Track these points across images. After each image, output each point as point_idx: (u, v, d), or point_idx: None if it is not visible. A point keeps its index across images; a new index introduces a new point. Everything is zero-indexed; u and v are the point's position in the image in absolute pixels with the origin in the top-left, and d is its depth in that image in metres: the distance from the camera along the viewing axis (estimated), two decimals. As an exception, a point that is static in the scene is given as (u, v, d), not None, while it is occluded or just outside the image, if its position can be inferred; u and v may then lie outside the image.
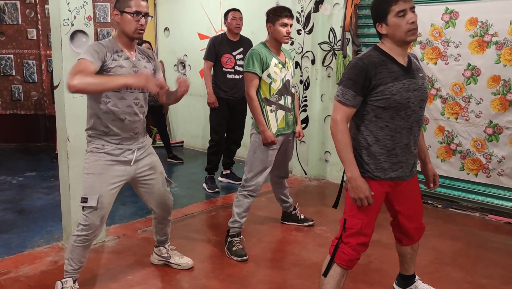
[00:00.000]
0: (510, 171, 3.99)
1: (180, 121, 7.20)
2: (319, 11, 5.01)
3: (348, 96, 2.12)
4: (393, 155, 2.19)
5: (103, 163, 2.54)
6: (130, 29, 2.48)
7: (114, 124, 2.53)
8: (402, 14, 2.07)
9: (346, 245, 2.23)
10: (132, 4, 2.45)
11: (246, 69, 3.23)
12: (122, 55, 2.51)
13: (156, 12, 7.18)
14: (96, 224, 2.55)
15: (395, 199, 2.36)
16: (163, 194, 2.85)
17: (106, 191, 2.54)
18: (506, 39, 3.84)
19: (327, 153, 5.26)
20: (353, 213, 2.22)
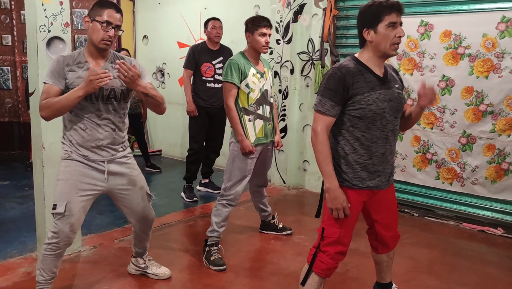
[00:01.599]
0: (483, 180, 4.07)
1: (158, 129, 7.15)
2: (298, 21, 5.07)
3: (328, 106, 2.13)
4: (370, 164, 2.22)
5: (72, 170, 2.50)
6: (96, 38, 2.43)
7: (77, 134, 2.51)
8: (393, 26, 2.09)
9: (324, 254, 2.23)
10: (104, 14, 2.41)
11: (225, 79, 3.23)
12: (84, 66, 2.46)
13: (135, 20, 7.15)
14: (65, 232, 2.48)
15: (372, 208, 2.39)
16: (143, 209, 2.78)
17: (75, 198, 2.49)
18: (478, 51, 3.94)
19: (306, 162, 5.29)
20: (331, 222, 2.23)
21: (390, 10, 2.09)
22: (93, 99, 2.47)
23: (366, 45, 2.20)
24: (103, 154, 2.56)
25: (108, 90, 2.51)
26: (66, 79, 2.42)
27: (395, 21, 2.09)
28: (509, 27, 3.77)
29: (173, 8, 6.58)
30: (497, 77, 3.88)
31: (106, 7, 2.42)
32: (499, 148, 3.96)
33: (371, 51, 2.19)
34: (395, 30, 2.10)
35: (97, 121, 2.51)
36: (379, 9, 2.10)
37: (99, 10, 2.41)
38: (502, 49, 3.82)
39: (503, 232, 3.94)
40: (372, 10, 2.13)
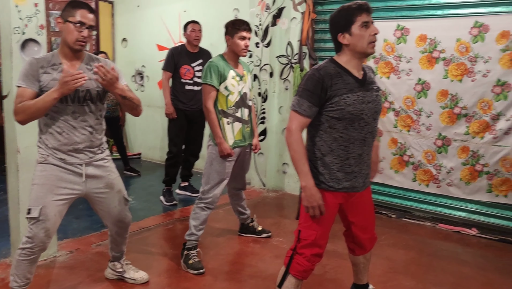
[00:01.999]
0: (458, 182, 4.15)
1: (137, 132, 7.09)
2: (277, 25, 5.10)
3: (305, 107, 2.15)
4: (347, 165, 2.24)
5: (48, 174, 2.46)
6: (71, 39, 2.40)
7: (54, 138, 2.47)
8: (365, 25, 2.14)
9: (301, 256, 2.24)
10: (77, 14, 2.38)
11: (204, 81, 3.23)
12: (59, 67, 2.42)
13: (114, 22, 7.09)
14: (40, 237, 2.45)
15: (349, 210, 2.41)
16: (120, 213, 2.75)
17: (50, 202, 2.45)
18: (452, 55, 4.02)
19: (285, 164, 5.32)
20: (307, 224, 2.24)
21: (360, 11, 2.15)
22: (69, 101, 2.44)
23: (343, 49, 2.23)
24: (80, 156, 2.53)
25: (84, 92, 2.48)
26: (40, 82, 2.39)
27: (367, 21, 2.14)
28: (481, 32, 3.86)
29: (152, 11, 6.55)
30: (470, 80, 3.96)
31: (79, 7, 2.39)
32: (473, 150, 4.04)
33: (348, 54, 2.22)
34: (368, 29, 2.15)
35: (73, 123, 2.48)
36: (350, 12, 2.16)
37: (71, 11, 2.38)
38: (475, 53, 3.91)
39: (477, 232, 4.02)
40: (342, 14, 2.18)
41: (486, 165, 4.00)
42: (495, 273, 3.28)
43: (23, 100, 2.34)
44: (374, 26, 2.17)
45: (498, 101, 3.87)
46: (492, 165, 3.97)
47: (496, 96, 3.88)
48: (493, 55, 3.83)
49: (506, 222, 4.02)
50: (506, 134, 3.88)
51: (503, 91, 3.84)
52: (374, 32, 2.16)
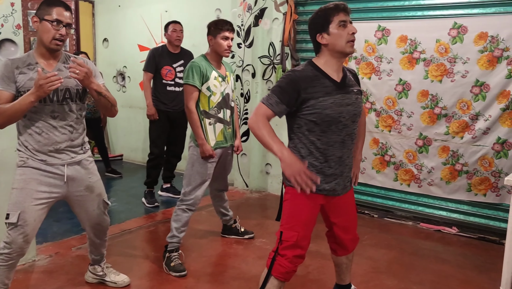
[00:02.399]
0: (439, 181, 4.20)
1: (119, 133, 7.02)
2: (259, 25, 5.10)
3: (272, 101, 2.15)
4: (326, 167, 2.24)
5: (28, 178, 2.41)
6: (47, 39, 2.35)
7: (33, 139, 2.42)
8: (343, 25, 2.15)
9: (283, 258, 2.23)
10: (53, 12, 2.33)
11: (186, 81, 3.21)
12: (35, 67, 2.37)
13: (95, 22, 7.00)
14: (18, 242, 2.40)
15: (331, 211, 2.41)
16: (98, 217, 2.72)
17: (29, 207, 2.40)
18: (432, 56, 4.07)
19: (268, 165, 5.31)
20: (289, 226, 2.24)
21: (336, 10, 2.17)
22: (47, 100, 2.40)
23: (322, 50, 2.23)
24: (62, 157, 2.49)
25: (63, 91, 2.44)
26: (16, 83, 2.34)
27: (344, 20, 2.16)
28: (460, 34, 3.91)
29: (133, 11, 6.49)
30: (450, 81, 4.01)
31: (55, 5, 2.35)
32: (453, 149, 4.10)
33: (327, 54, 2.22)
34: (346, 28, 2.16)
35: (53, 123, 2.44)
36: (327, 12, 2.18)
37: (47, 9, 2.34)
38: (454, 54, 3.96)
39: (458, 231, 4.07)
40: (320, 15, 2.20)
41: (466, 164, 4.05)
42: (474, 271, 3.33)
43: (0, 103, 2.29)
44: (352, 26, 2.19)
45: (476, 101, 3.93)
46: (471, 165, 4.03)
47: (474, 96, 3.93)
48: (471, 56, 3.89)
49: (485, 221, 4.09)
50: (484, 134, 3.94)
51: (482, 91, 3.90)
52: (352, 31, 2.17)
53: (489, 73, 3.84)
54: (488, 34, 3.80)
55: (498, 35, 3.76)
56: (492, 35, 3.78)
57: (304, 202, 2.24)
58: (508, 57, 3.74)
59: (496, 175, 3.93)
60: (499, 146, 3.90)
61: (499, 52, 3.77)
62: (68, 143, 2.50)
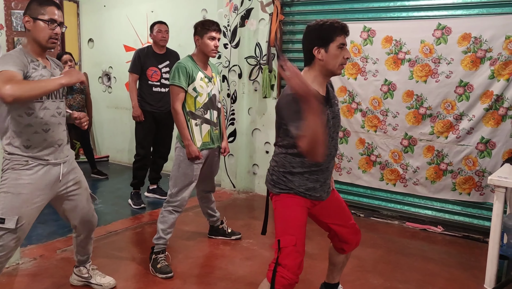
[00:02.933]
0: (424, 180, 4.24)
1: (105, 135, 6.96)
2: (245, 26, 5.10)
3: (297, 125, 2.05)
4: (315, 176, 2.27)
5: (26, 182, 2.37)
6: (43, 38, 2.35)
7: (37, 137, 2.39)
8: (342, 47, 2.15)
9: (285, 269, 2.16)
10: (46, 12, 2.33)
11: (172, 82, 3.19)
12: (39, 64, 2.38)
13: (80, 22, 6.93)
14: (10, 246, 2.38)
15: (320, 214, 2.42)
16: (88, 211, 2.73)
17: (27, 212, 2.38)
18: (417, 57, 4.11)
19: (255, 166, 5.32)
20: (285, 232, 2.21)
21: (341, 31, 2.14)
22: (53, 96, 2.43)
23: (314, 64, 2.20)
24: (61, 155, 2.51)
25: (62, 88, 2.48)
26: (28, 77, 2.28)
27: (344, 43, 2.16)
28: (444, 34, 3.95)
29: (119, 11, 6.44)
30: (434, 81, 4.05)
31: (46, 4, 2.35)
32: (438, 149, 4.14)
33: (317, 70, 2.20)
34: (343, 51, 2.16)
35: (58, 119, 2.47)
36: (332, 29, 2.14)
37: (39, 9, 2.33)
38: (438, 55, 4.00)
39: (443, 230, 4.12)
40: (324, 29, 2.15)
41: (450, 164, 4.10)
42: (459, 269, 3.37)
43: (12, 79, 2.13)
44: (347, 50, 2.19)
45: (460, 101, 3.98)
46: (455, 164, 4.08)
47: (459, 96, 3.98)
48: (455, 56, 3.93)
49: (469, 219, 4.14)
50: (468, 134, 3.99)
51: (465, 91, 3.95)
52: (348, 56, 2.17)
53: (473, 73, 3.89)
54: (472, 35, 3.84)
55: (481, 36, 3.81)
56: (476, 36, 3.83)
57: (294, 206, 2.24)
58: (491, 58, 3.80)
59: (480, 174, 3.98)
60: (482, 145, 3.95)
61: (482, 53, 3.82)
62: (67, 138, 2.57)
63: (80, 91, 5.52)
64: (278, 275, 2.15)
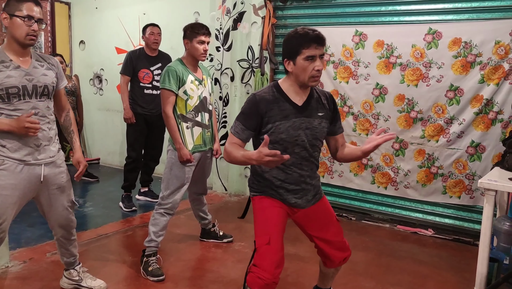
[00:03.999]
0: (415, 184, 4.27)
1: (96, 137, 6.92)
2: (238, 29, 5.10)
3: (238, 129, 2.18)
4: (286, 183, 2.27)
5: (3, 183, 2.35)
6: (20, 35, 2.32)
7: (12, 137, 2.36)
8: (311, 59, 2.09)
9: (260, 268, 2.13)
10: (23, 8, 2.30)
11: (162, 86, 3.18)
12: (11, 64, 2.34)
13: (71, 24, 6.90)
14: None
15: (303, 223, 2.41)
16: (66, 216, 2.69)
17: (6, 212, 2.36)
18: (408, 61, 4.14)
19: (247, 168, 5.31)
20: (260, 232, 2.22)
21: (308, 43, 2.06)
22: (26, 96, 2.38)
23: (288, 73, 2.21)
24: (41, 156, 2.46)
25: (42, 87, 2.44)
26: None
27: (313, 55, 2.07)
28: (435, 39, 3.99)
29: (111, 13, 6.42)
30: (425, 85, 4.09)
31: (24, 0, 2.31)
32: (429, 153, 4.17)
33: (292, 80, 2.21)
34: (313, 63, 2.09)
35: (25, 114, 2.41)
36: (298, 42, 2.09)
37: (17, 5, 2.30)
38: (429, 59, 4.04)
39: (433, 233, 4.14)
40: (292, 41, 2.12)
41: (441, 167, 4.13)
42: (449, 271, 3.39)
43: None
44: (319, 61, 2.10)
45: (451, 105, 4.02)
46: (446, 167, 4.11)
47: (449, 100, 4.02)
48: (446, 61, 3.97)
49: (459, 222, 4.17)
50: (458, 138, 4.02)
51: (456, 95, 3.98)
52: (318, 67, 2.09)
53: (463, 78, 3.93)
54: (462, 40, 3.89)
55: (471, 41, 3.85)
56: (466, 41, 3.87)
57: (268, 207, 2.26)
58: (480, 63, 3.84)
59: (470, 177, 4.02)
60: (472, 149, 3.99)
61: (472, 57, 3.87)
62: (47, 140, 2.50)
63: (71, 93, 5.49)
64: (254, 276, 2.14)
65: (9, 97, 2.33)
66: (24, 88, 2.37)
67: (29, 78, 2.39)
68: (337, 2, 4.55)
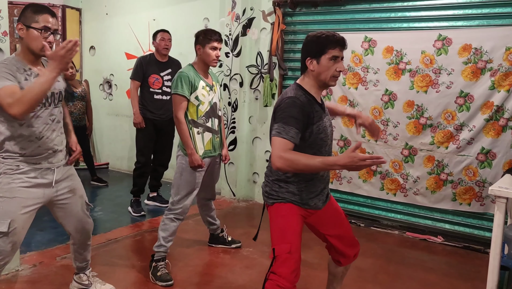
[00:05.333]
0: (424, 190, 4.25)
1: (105, 142, 6.96)
2: (247, 35, 5.12)
3: (292, 133, 2.08)
4: (311, 185, 2.27)
5: (17, 186, 2.37)
6: (37, 47, 2.32)
7: (31, 145, 2.39)
8: (334, 59, 2.16)
9: (280, 277, 2.13)
10: (39, 19, 2.31)
11: (175, 91, 3.20)
12: (32, 73, 2.37)
13: (82, 30, 6.97)
14: (6, 251, 2.37)
15: (317, 224, 2.42)
16: (82, 218, 2.71)
17: (19, 216, 2.38)
18: (418, 67, 4.13)
19: (255, 174, 5.32)
20: (280, 240, 2.20)
21: (335, 44, 2.15)
22: (46, 104, 2.43)
23: (307, 73, 2.24)
24: (54, 160, 2.50)
25: (57, 94, 2.50)
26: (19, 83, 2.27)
27: (337, 55, 2.16)
28: (445, 45, 3.98)
29: (121, 19, 6.47)
30: (435, 92, 4.07)
31: (41, 12, 2.33)
32: (438, 159, 4.15)
33: (312, 79, 2.23)
34: (336, 64, 2.17)
35: (52, 126, 2.47)
36: (325, 42, 2.16)
37: (33, 16, 2.31)
38: (439, 65, 4.02)
39: (443, 240, 4.11)
40: (318, 41, 2.18)
41: (451, 174, 4.11)
42: (459, 280, 3.36)
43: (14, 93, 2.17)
44: (341, 63, 2.19)
45: (461, 112, 4.00)
46: (456, 174, 4.08)
47: (459, 107, 4.00)
48: (456, 67, 3.96)
49: (469, 230, 4.14)
50: (468, 144, 4.00)
51: (466, 102, 3.96)
52: (340, 69, 2.18)
53: (473, 84, 3.91)
54: (472, 46, 3.87)
55: (482, 47, 3.83)
56: (476, 47, 3.86)
57: (289, 214, 2.24)
58: (491, 69, 3.82)
59: (480, 184, 3.99)
60: (483, 156, 3.96)
61: (482, 63, 3.85)
62: (62, 144, 2.56)
63: (81, 98, 5.53)
64: (273, 284, 2.14)
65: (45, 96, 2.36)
66: (46, 96, 2.40)
67: None
68: (346, 9, 4.56)
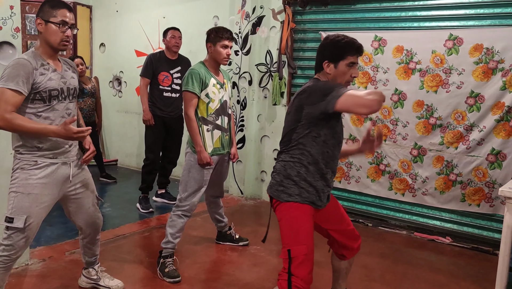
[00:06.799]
0: (433, 191, 4.22)
1: (114, 139, 7.00)
2: (257, 33, 5.12)
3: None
4: (323, 185, 2.29)
5: (34, 182, 2.40)
6: (55, 41, 2.39)
7: (48, 139, 2.41)
8: (351, 65, 2.21)
9: (298, 278, 2.15)
10: (57, 14, 2.37)
11: (185, 88, 3.21)
12: (49, 67, 2.41)
13: (92, 27, 7.01)
14: (20, 245, 2.41)
15: (319, 220, 2.43)
16: (93, 213, 2.75)
17: (35, 211, 2.40)
18: (428, 67, 4.11)
19: (263, 172, 5.32)
20: (295, 241, 2.19)
21: (354, 51, 2.21)
22: (62, 98, 2.46)
23: (323, 73, 2.28)
24: (69, 155, 2.53)
25: (73, 89, 2.55)
26: (34, 84, 2.32)
27: (355, 62, 2.22)
28: (455, 45, 3.95)
29: (131, 16, 6.50)
30: (445, 92, 4.05)
31: (58, 7, 2.38)
32: (447, 160, 4.12)
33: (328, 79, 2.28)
34: (352, 69, 2.22)
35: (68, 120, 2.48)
36: (345, 48, 2.20)
37: (51, 11, 2.36)
38: (449, 65, 4.00)
39: (451, 241, 4.09)
40: (337, 45, 2.22)
41: (460, 174, 4.08)
42: (467, 281, 3.34)
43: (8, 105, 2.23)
44: (357, 69, 2.26)
45: (471, 112, 3.97)
46: (465, 175, 4.06)
47: (469, 107, 3.97)
48: (466, 67, 3.93)
49: (478, 231, 4.11)
50: (478, 145, 3.97)
51: (476, 102, 3.94)
52: (355, 75, 2.25)
53: (484, 84, 3.88)
54: (483, 46, 3.84)
55: (493, 47, 3.80)
56: (487, 47, 3.83)
57: (302, 215, 2.24)
58: (502, 69, 3.79)
59: (490, 185, 3.96)
60: (493, 157, 3.93)
61: (494, 64, 3.82)
62: (76, 142, 2.59)
63: (90, 94, 5.57)
64: (293, 286, 2.15)
65: (50, 99, 2.40)
66: (62, 90, 2.45)
67: (64, 81, 2.47)
68: (356, 8, 4.54)
